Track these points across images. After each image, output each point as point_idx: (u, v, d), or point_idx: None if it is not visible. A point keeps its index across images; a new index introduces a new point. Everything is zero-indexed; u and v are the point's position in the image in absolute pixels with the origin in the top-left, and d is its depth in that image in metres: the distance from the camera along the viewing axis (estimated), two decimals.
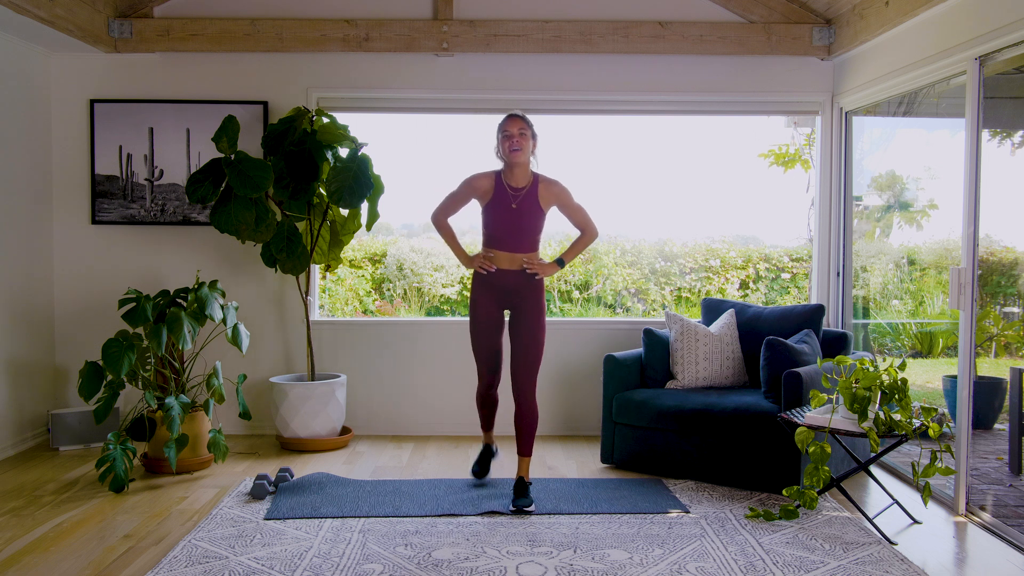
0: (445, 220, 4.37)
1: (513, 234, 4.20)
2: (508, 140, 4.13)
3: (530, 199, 4.19)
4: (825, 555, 3.54)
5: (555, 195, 4.24)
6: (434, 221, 4.39)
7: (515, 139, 4.12)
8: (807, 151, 6.59)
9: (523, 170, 4.19)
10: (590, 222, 4.37)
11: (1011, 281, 5.74)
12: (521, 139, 4.12)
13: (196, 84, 5.70)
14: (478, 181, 4.24)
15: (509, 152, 4.13)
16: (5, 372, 5.16)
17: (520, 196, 4.18)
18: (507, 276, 4.25)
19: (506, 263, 4.23)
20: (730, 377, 5.06)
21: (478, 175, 4.26)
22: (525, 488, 4.18)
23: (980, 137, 4.07)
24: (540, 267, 4.24)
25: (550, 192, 4.23)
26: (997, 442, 5.09)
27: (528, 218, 4.20)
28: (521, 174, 4.19)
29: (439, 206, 4.37)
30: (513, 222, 4.19)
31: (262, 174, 4.95)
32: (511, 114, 4.22)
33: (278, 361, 5.79)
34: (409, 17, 5.57)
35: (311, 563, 3.43)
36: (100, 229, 5.73)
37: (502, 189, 4.19)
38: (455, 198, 4.32)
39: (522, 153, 4.13)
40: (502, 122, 4.19)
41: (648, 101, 5.82)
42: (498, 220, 4.21)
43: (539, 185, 4.21)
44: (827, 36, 5.51)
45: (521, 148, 4.12)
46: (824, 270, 5.79)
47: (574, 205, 4.31)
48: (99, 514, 4.07)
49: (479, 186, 4.23)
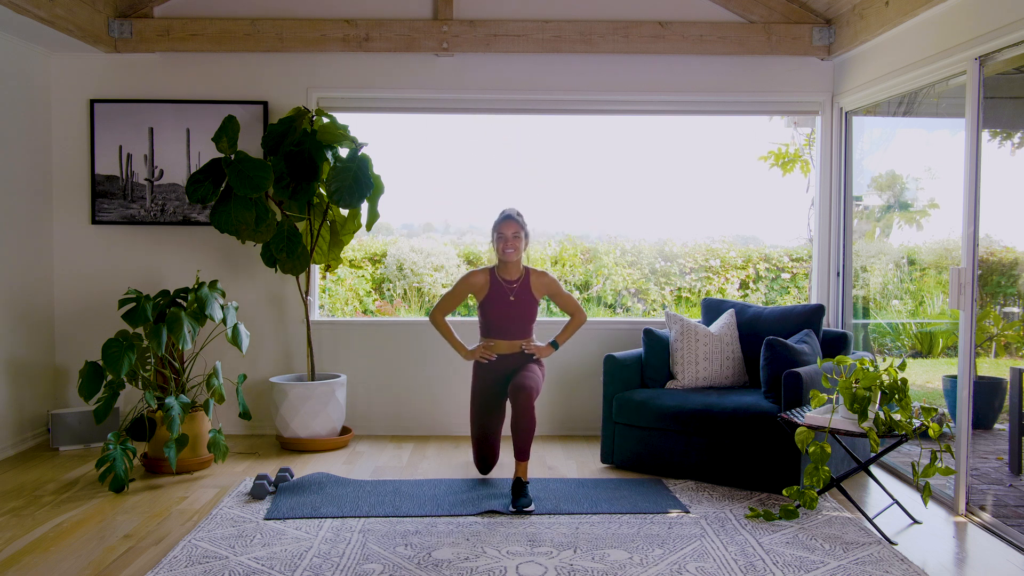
0: (443, 319, 4.75)
1: (512, 323, 4.63)
2: (503, 242, 4.57)
3: (524, 290, 4.63)
4: (825, 555, 3.54)
5: (545, 285, 4.68)
6: (433, 320, 4.76)
7: (509, 241, 4.56)
8: (807, 151, 6.59)
9: (516, 266, 4.64)
10: (579, 307, 4.78)
11: (1011, 281, 5.74)
12: (515, 241, 4.56)
13: (196, 84, 5.70)
14: (474, 278, 4.66)
15: (503, 253, 4.57)
16: (5, 372, 5.16)
17: (515, 288, 4.61)
18: (507, 360, 4.65)
19: (505, 349, 4.65)
20: (730, 377, 5.06)
21: (473, 272, 4.69)
22: (523, 488, 4.20)
23: (980, 137, 4.07)
24: (537, 349, 4.66)
25: (541, 283, 4.67)
26: (997, 442, 5.09)
27: (524, 307, 4.63)
28: (514, 269, 4.64)
29: (437, 306, 4.78)
30: (511, 312, 4.61)
31: (262, 174, 4.95)
32: (506, 215, 4.60)
33: (278, 361, 5.79)
34: (409, 17, 5.57)
35: (311, 563, 3.43)
36: (100, 229, 5.73)
37: (497, 284, 4.62)
38: (453, 297, 4.73)
39: (515, 254, 4.58)
40: (498, 222, 4.61)
41: (648, 101, 5.82)
42: (497, 312, 4.61)
43: (530, 277, 4.66)
44: (827, 36, 5.51)
45: (515, 249, 4.57)
46: (824, 270, 5.79)
47: (563, 294, 4.73)
48: (99, 514, 4.07)
49: (475, 283, 4.65)
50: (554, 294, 4.70)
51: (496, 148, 7.45)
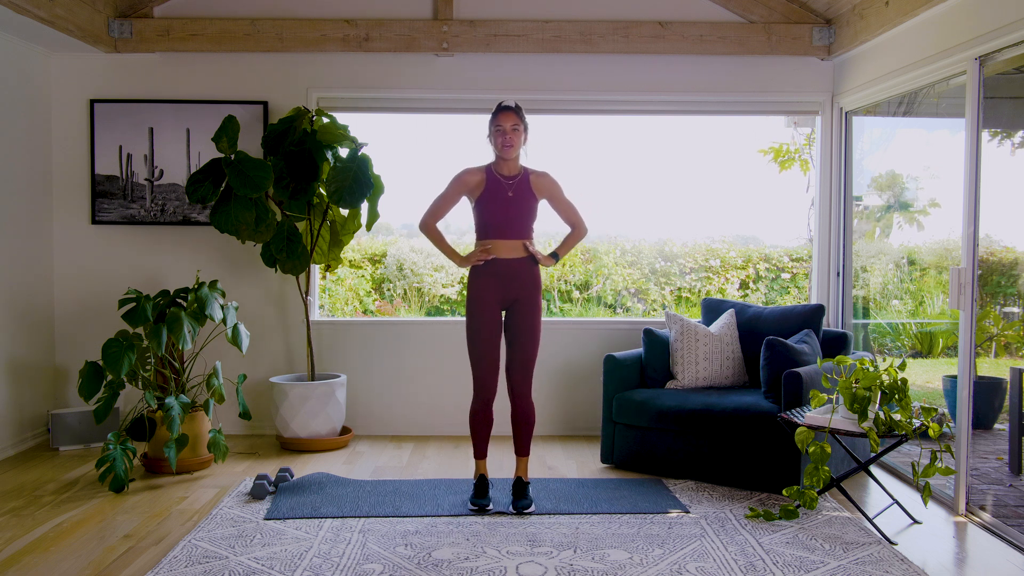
0: (434, 224, 4.31)
1: (511, 221, 4.21)
2: (501, 135, 4.16)
3: (523, 186, 4.22)
4: (825, 555, 3.54)
5: (546, 187, 4.27)
6: (424, 227, 4.33)
7: (508, 135, 4.15)
8: (807, 151, 6.59)
9: (514, 163, 4.23)
10: (580, 218, 4.39)
11: (1011, 281, 5.74)
12: (514, 135, 4.15)
13: (196, 84, 5.70)
14: (469, 176, 4.23)
15: (502, 147, 4.16)
16: (5, 372, 5.16)
17: (514, 184, 4.21)
18: (507, 264, 4.21)
19: (505, 251, 4.20)
20: (730, 377, 5.06)
21: (468, 170, 4.25)
22: (524, 488, 4.18)
23: (980, 137, 4.07)
24: (538, 254, 4.23)
25: (541, 182, 4.26)
26: (997, 442, 5.09)
27: (523, 205, 4.22)
28: (512, 166, 4.23)
29: (428, 211, 4.31)
30: (510, 209, 4.20)
31: (262, 174, 4.95)
32: (504, 106, 4.18)
33: (278, 361, 5.79)
34: (409, 17, 5.57)
35: (311, 563, 3.43)
36: (100, 229, 5.73)
37: (495, 180, 4.21)
38: (445, 198, 4.28)
39: (514, 148, 4.17)
40: (495, 114, 4.19)
41: (648, 101, 5.82)
42: (495, 209, 4.20)
43: (530, 175, 4.25)
44: (827, 36, 5.51)
45: (513, 144, 4.16)
46: (824, 270, 5.79)
47: (564, 199, 4.34)
48: (99, 514, 4.07)
49: (470, 181, 4.23)
50: (554, 197, 4.31)
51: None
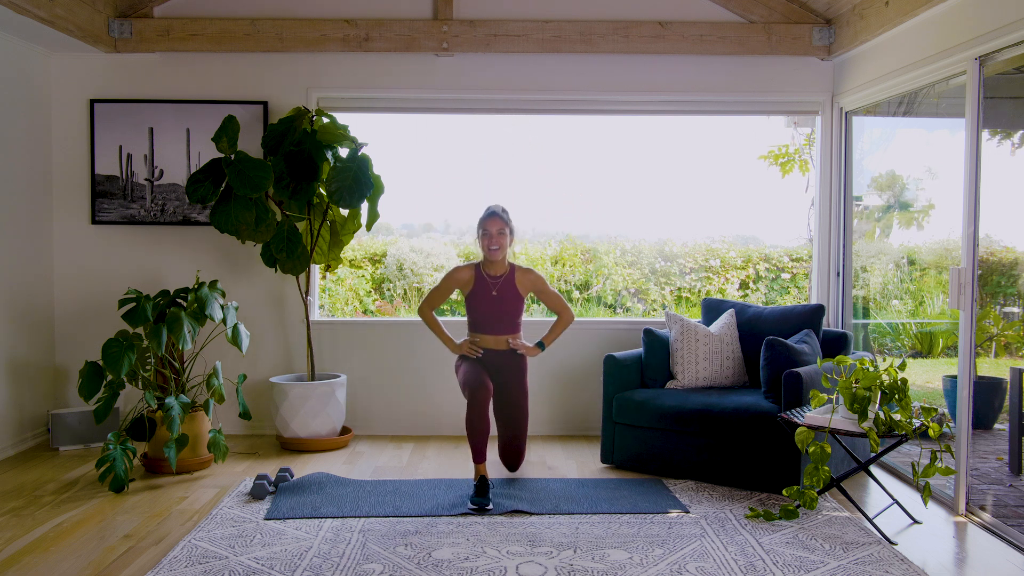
0: (430, 312, 4.76)
1: (496, 318, 4.62)
2: (488, 239, 4.56)
3: (508, 285, 4.62)
4: (825, 555, 3.54)
5: (531, 282, 4.65)
6: (421, 313, 4.77)
7: (494, 238, 4.54)
8: (807, 151, 6.59)
9: (501, 263, 4.62)
10: (566, 306, 4.75)
11: (1011, 281, 5.74)
12: (500, 238, 4.55)
13: (196, 84, 5.70)
14: (459, 274, 4.66)
15: (488, 250, 4.57)
16: (5, 372, 5.16)
17: (499, 283, 4.61)
18: (493, 356, 4.66)
19: (492, 344, 4.65)
20: (730, 377, 5.06)
21: (458, 268, 4.69)
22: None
23: (980, 137, 4.07)
24: (523, 347, 4.67)
25: (526, 280, 4.64)
26: (997, 442, 5.09)
27: (508, 303, 4.62)
28: (499, 266, 4.63)
29: (424, 300, 4.77)
30: (495, 308, 4.61)
31: (262, 174, 4.95)
32: (491, 212, 4.58)
33: (278, 361, 5.79)
34: (409, 17, 5.57)
35: (311, 563, 3.43)
36: (100, 229, 5.73)
37: (482, 279, 4.62)
38: (439, 292, 4.74)
39: (500, 251, 4.56)
40: (483, 219, 4.59)
41: (648, 101, 5.82)
42: (481, 307, 4.62)
43: (515, 273, 4.64)
44: (827, 36, 5.51)
45: (500, 247, 4.55)
46: (824, 270, 5.79)
47: (549, 291, 4.70)
48: (99, 514, 4.07)
49: (460, 278, 4.65)
50: (539, 291, 4.68)
51: (496, 148, 7.45)
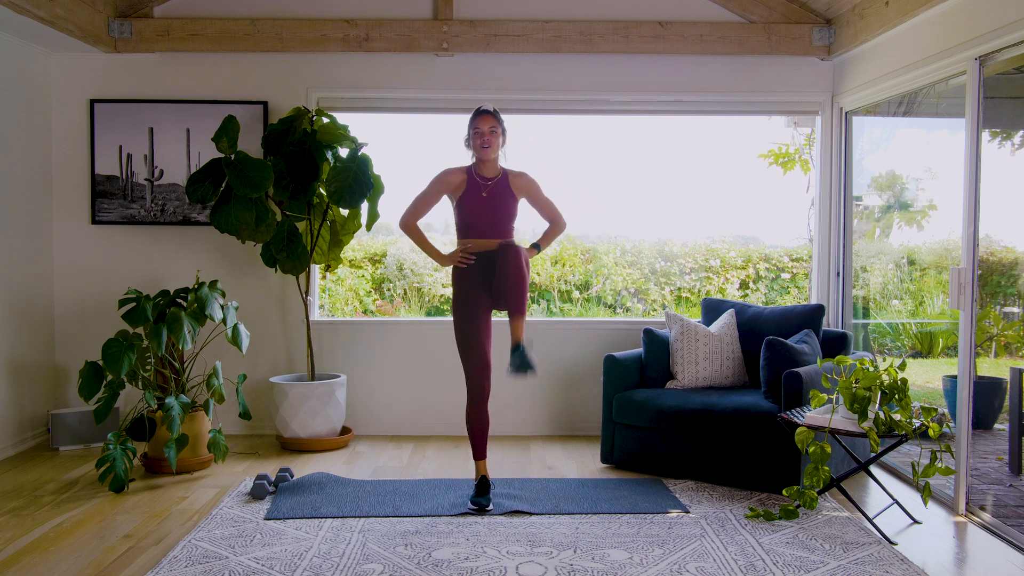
0: (415, 223, 4.43)
1: (489, 220, 4.31)
2: (479, 137, 4.27)
3: (501, 187, 4.32)
4: (825, 555, 3.54)
5: (524, 186, 4.38)
6: (404, 225, 4.43)
7: (486, 136, 4.26)
8: (807, 151, 6.59)
9: (493, 164, 4.34)
10: (559, 214, 4.52)
11: (1011, 281, 5.74)
12: (491, 136, 4.27)
13: (196, 84, 5.70)
14: (450, 176, 4.33)
15: (480, 148, 4.28)
16: (5, 372, 5.16)
17: (491, 185, 4.31)
18: (486, 257, 4.30)
19: (483, 246, 4.30)
20: (730, 377, 5.06)
21: (449, 170, 4.35)
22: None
23: (980, 137, 4.07)
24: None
25: (520, 183, 4.36)
26: (997, 442, 5.09)
27: (501, 204, 4.32)
28: (491, 167, 4.34)
29: (408, 210, 4.41)
30: (488, 208, 4.30)
31: (262, 174, 4.95)
32: (482, 110, 4.30)
33: (278, 361, 5.78)
34: (409, 17, 5.57)
35: (311, 563, 3.43)
36: (100, 229, 5.73)
37: (473, 181, 4.32)
38: (426, 197, 4.38)
39: (491, 150, 4.28)
40: (473, 117, 4.30)
41: (648, 101, 5.82)
42: (473, 209, 4.30)
43: (508, 176, 4.36)
44: (827, 36, 5.51)
45: (491, 145, 4.27)
46: (824, 270, 5.79)
47: (543, 198, 4.46)
48: (99, 514, 4.07)
49: (451, 180, 4.33)
50: (533, 195, 4.42)
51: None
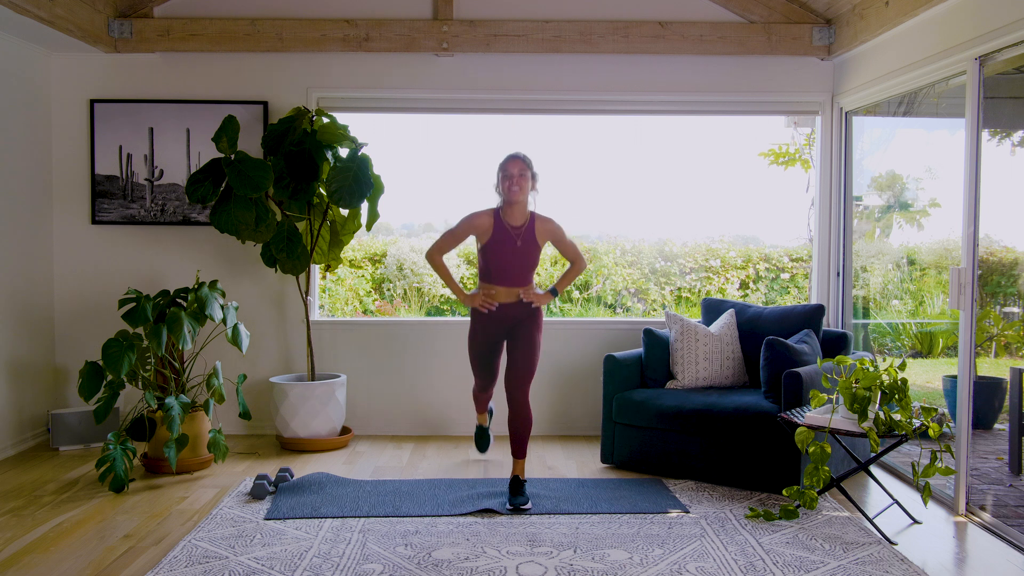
0: (440, 258, 4.51)
1: (514, 270, 4.38)
2: (508, 180, 4.29)
3: (529, 236, 4.37)
4: (825, 555, 3.54)
5: (550, 231, 4.44)
6: (430, 259, 4.52)
7: (515, 179, 4.28)
8: (807, 151, 6.59)
9: (521, 208, 4.36)
10: (580, 256, 4.60)
11: (1011, 281, 5.74)
12: (521, 180, 4.29)
13: (196, 84, 5.70)
14: (479, 219, 4.37)
15: (508, 192, 4.29)
16: (5, 372, 5.16)
17: (521, 234, 4.35)
18: (507, 308, 4.43)
19: (505, 297, 4.41)
20: (730, 377, 5.06)
21: (478, 213, 4.39)
22: (521, 486, 4.21)
23: (980, 137, 4.07)
24: (536, 297, 4.43)
25: (545, 228, 4.42)
26: (997, 442, 5.09)
27: (528, 255, 4.39)
28: (519, 212, 4.36)
29: (435, 244, 4.50)
30: (515, 259, 4.37)
31: (262, 174, 4.95)
32: (513, 155, 4.34)
33: (278, 361, 5.79)
34: (409, 17, 5.57)
35: (311, 563, 3.43)
36: (100, 229, 5.73)
37: (502, 227, 4.35)
38: (454, 235, 4.47)
39: (521, 193, 4.30)
40: (503, 162, 4.34)
41: (648, 101, 5.82)
42: (501, 257, 4.36)
43: (536, 222, 4.39)
44: (827, 36, 5.51)
45: (521, 188, 4.29)
46: (824, 270, 5.79)
47: (567, 241, 4.52)
48: (99, 514, 4.07)
49: (480, 224, 4.37)
50: (557, 240, 4.48)
51: (495, 148, 7.44)
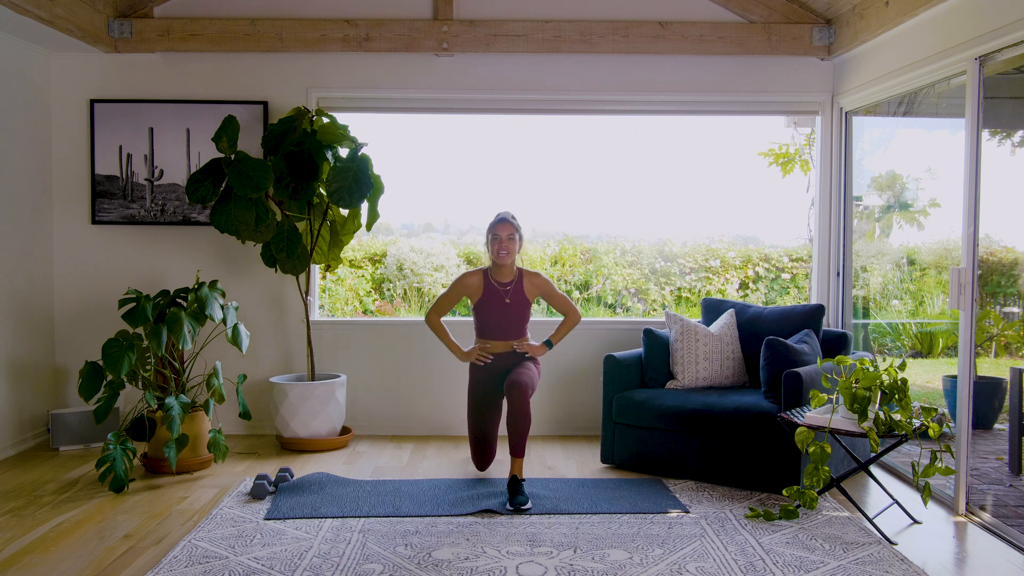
0: (438, 320, 4.84)
1: (506, 325, 4.70)
2: (498, 243, 4.62)
3: (517, 292, 4.68)
4: (825, 555, 3.54)
5: (538, 287, 4.73)
6: (428, 322, 4.85)
7: (504, 243, 4.61)
8: (807, 151, 6.59)
9: (509, 268, 4.69)
10: (572, 307, 4.82)
11: (1011, 281, 5.74)
12: (509, 243, 4.63)
13: (196, 84, 5.70)
14: (468, 279, 4.73)
15: (498, 255, 4.63)
16: (5, 372, 5.16)
17: (509, 291, 4.67)
18: (502, 359, 4.72)
19: (501, 349, 4.72)
20: (730, 377, 5.06)
21: (467, 274, 4.76)
22: (519, 486, 4.22)
23: (980, 137, 4.07)
24: (531, 348, 4.72)
25: (533, 284, 4.72)
26: (997, 442, 5.09)
27: (517, 309, 4.69)
28: (507, 270, 4.69)
29: (432, 307, 4.85)
30: (505, 315, 4.68)
31: (262, 174, 4.95)
32: (501, 218, 4.66)
33: (278, 361, 5.79)
34: (409, 17, 5.57)
35: (311, 563, 3.43)
36: (100, 229, 5.73)
37: (491, 287, 4.69)
38: (447, 299, 4.80)
39: (509, 255, 4.64)
40: (492, 225, 4.66)
41: (648, 101, 5.82)
42: (491, 314, 4.69)
43: (523, 279, 4.71)
44: (827, 36, 5.51)
45: (509, 251, 4.63)
46: (824, 270, 5.79)
47: (556, 294, 4.78)
48: (99, 514, 4.07)
49: (470, 284, 4.72)
50: (547, 295, 4.77)
51: (495, 148, 7.46)
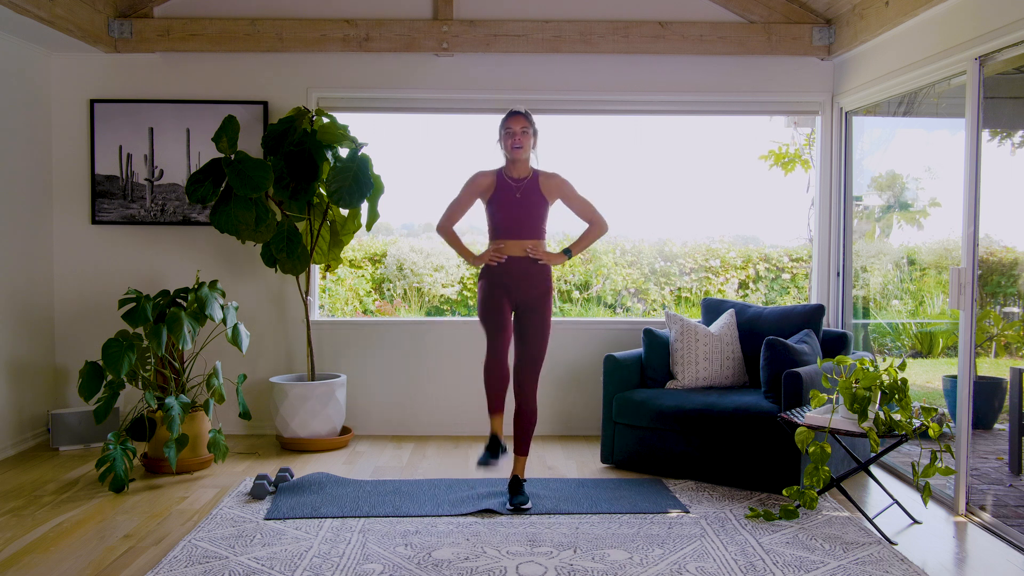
0: (451, 227, 4.48)
1: (519, 221, 4.32)
2: (511, 137, 4.29)
3: (531, 188, 4.33)
4: (825, 555, 3.54)
5: (556, 187, 4.36)
6: (440, 229, 4.50)
7: (517, 136, 4.28)
8: (807, 151, 6.59)
9: (523, 165, 4.34)
10: (597, 214, 4.45)
11: (1011, 281, 5.74)
12: (523, 137, 4.29)
13: (196, 84, 5.70)
14: (481, 179, 4.37)
15: (511, 149, 4.30)
16: (5, 372, 5.16)
17: (522, 186, 4.32)
18: (517, 263, 4.32)
19: (514, 250, 4.32)
20: (730, 377, 5.06)
21: (480, 172, 4.39)
22: (520, 486, 4.20)
23: (980, 137, 4.07)
24: (546, 255, 4.33)
25: (551, 183, 4.35)
26: (997, 442, 5.09)
27: (531, 206, 4.33)
28: (522, 168, 4.34)
29: (444, 215, 4.47)
30: (517, 210, 4.32)
31: (262, 174, 4.95)
32: (514, 111, 4.35)
33: (278, 361, 5.78)
34: (409, 17, 5.57)
35: (311, 563, 3.43)
36: (100, 229, 5.73)
37: (504, 182, 4.34)
38: (460, 202, 4.43)
39: (523, 150, 4.30)
40: (505, 118, 4.34)
41: (648, 101, 5.82)
42: (503, 210, 4.33)
43: (539, 177, 4.36)
44: (827, 36, 5.51)
45: (523, 145, 4.29)
46: (824, 270, 5.79)
47: (578, 197, 4.42)
48: (99, 514, 4.07)
49: (482, 183, 4.36)
50: (567, 196, 4.38)
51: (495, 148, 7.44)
